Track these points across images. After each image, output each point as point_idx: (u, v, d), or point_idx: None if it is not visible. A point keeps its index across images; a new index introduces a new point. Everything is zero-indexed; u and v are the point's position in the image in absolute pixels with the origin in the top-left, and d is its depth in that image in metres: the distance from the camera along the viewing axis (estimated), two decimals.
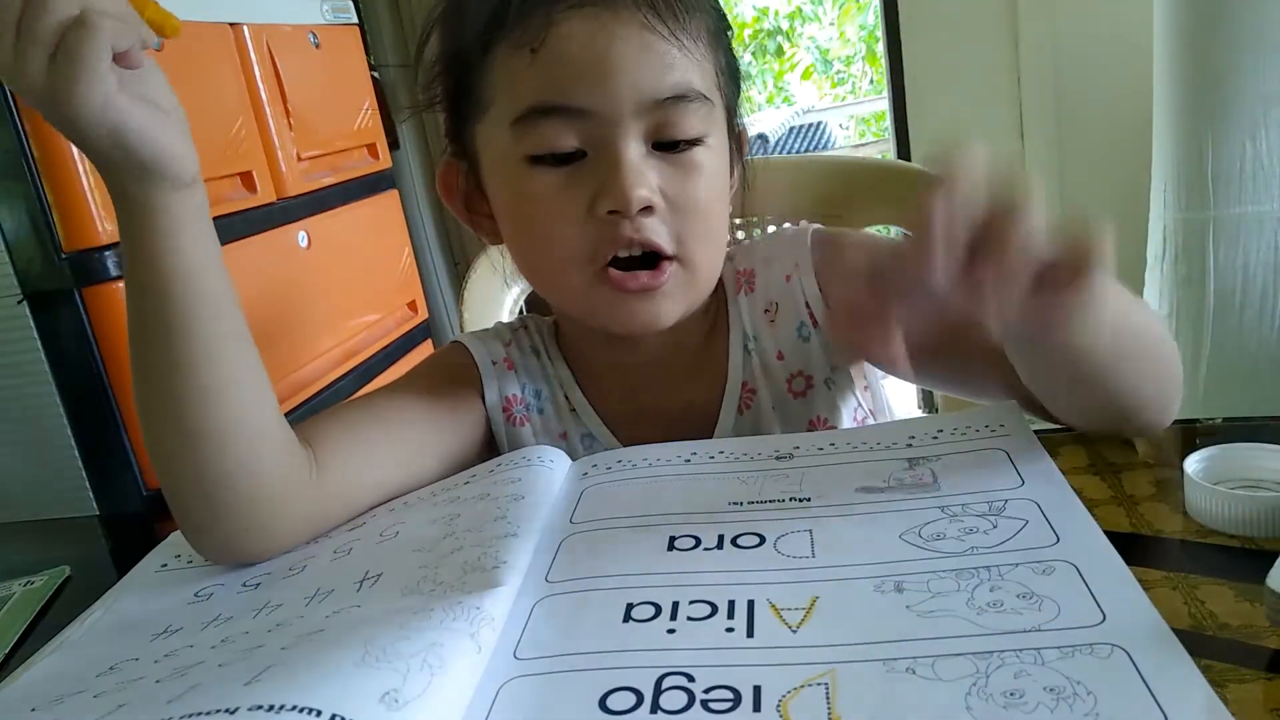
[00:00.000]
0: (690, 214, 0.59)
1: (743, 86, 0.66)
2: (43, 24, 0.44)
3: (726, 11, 0.65)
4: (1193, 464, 0.46)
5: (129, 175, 0.49)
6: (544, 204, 0.59)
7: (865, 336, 0.40)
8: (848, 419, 0.68)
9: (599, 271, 0.60)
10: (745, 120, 0.68)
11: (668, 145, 0.59)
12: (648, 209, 0.58)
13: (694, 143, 0.59)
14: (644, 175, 0.57)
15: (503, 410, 0.69)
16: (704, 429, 0.68)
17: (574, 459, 0.61)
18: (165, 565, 0.57)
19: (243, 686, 0.36)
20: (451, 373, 0.69)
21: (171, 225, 0.50)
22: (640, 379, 0.69)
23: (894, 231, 1.02)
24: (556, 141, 0.57)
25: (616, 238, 0.58)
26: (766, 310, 0.68)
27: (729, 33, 0.64)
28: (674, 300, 0.62)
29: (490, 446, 0.69)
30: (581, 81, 0.56)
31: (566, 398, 0.70)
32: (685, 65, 0.58)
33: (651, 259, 0.60)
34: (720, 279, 0.70)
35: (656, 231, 0.59)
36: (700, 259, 0.61)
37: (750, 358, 0.68)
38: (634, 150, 0.57)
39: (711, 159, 0.61)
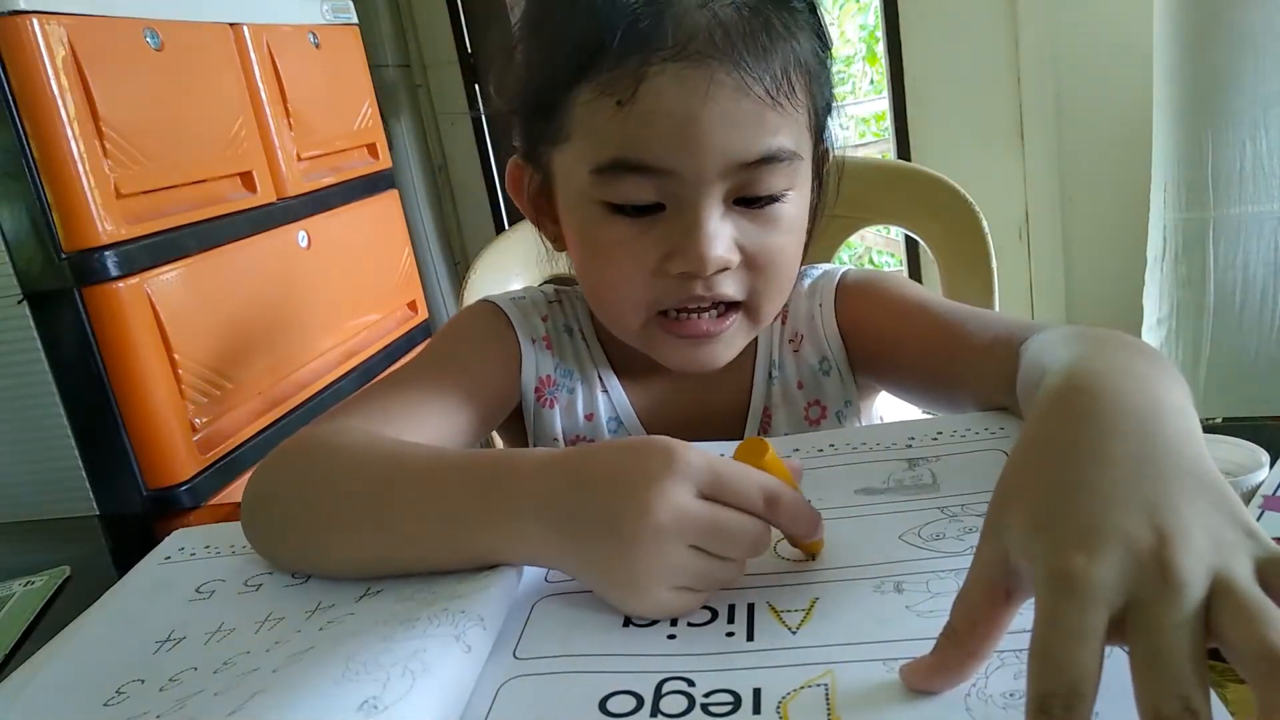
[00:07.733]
0: (765, 268, 0.58)
1: (834, 106, 0.62)
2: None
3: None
4: None
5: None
6: (616, 252, 0.58)
7: None
8: None
9: (659, 315, 0.60)
10: (831, 137, 0.64)
11: (749, 200, 0.57)
12: (723, 269, 0.57)
13: (776, 198, 0.57)
14: (722, 237, 0.56)
15: (535, 391, 0.69)
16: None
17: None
18: (169, 558, 0.57)
19: (227, 717, 0.36)
20: (491, 347, 0.68)
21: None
22: (671, 382, 0.69)
23: (894, 232, 1.02)
24: (635, 195, 0.56)
25: (686, 294, 0.58)
26: (791, 340, 0.69)
27: (828, 57, 0.59)
28: (732, 345, 0.62)
29: (517, 419, 0.69)
30: (668, 143, 0.54)
31: (600, 379, 0.70)
32: (778, 125, 0.55)
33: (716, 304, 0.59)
34: None
35: (728, 286, 0.58)
36: (767, 308, 0.61)
37: (772, 384, 0.69)
38: (714, 211, 0.55)
39: (791, 210, 0.59)
